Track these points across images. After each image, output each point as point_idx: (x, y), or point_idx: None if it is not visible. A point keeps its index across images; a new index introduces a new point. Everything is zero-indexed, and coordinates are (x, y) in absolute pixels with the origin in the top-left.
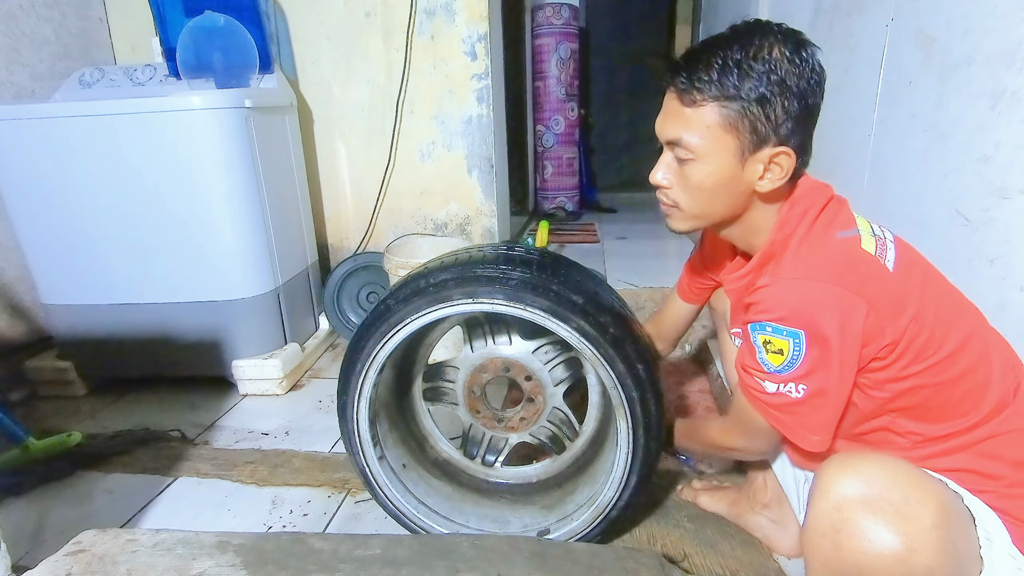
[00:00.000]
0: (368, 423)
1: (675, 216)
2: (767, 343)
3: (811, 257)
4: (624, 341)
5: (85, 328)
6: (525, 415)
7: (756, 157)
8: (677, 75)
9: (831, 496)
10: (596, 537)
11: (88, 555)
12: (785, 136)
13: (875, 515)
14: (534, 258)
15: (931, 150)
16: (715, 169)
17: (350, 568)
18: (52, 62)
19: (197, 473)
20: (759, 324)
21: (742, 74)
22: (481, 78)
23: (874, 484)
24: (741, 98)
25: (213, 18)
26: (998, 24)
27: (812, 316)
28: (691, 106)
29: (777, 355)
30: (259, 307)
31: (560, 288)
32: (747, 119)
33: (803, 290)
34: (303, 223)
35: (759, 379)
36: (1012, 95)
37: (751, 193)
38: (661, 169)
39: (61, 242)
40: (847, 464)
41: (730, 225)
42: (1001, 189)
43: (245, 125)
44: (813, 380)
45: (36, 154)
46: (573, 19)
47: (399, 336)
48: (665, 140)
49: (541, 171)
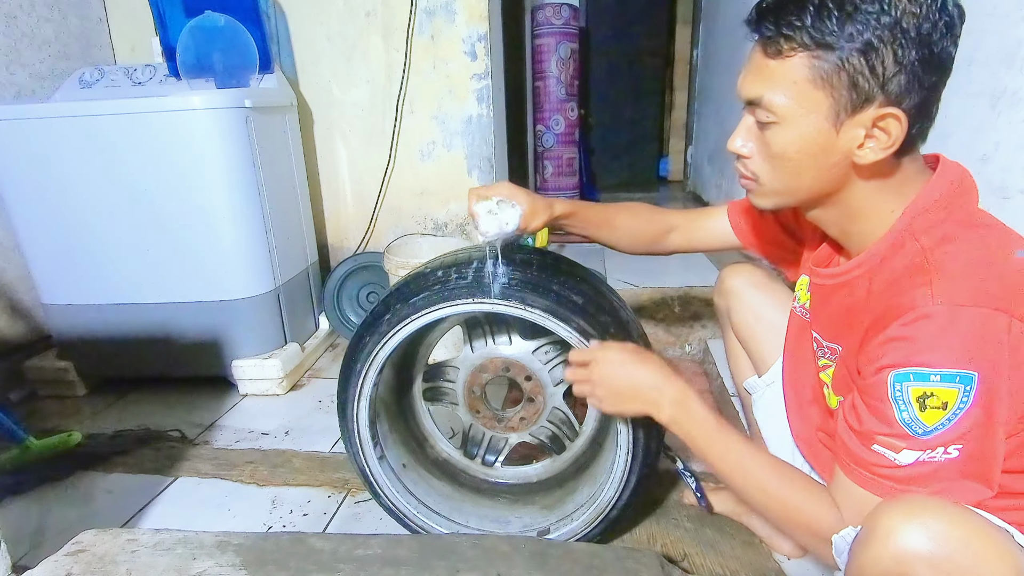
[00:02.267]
0: (368, 423)
1: (756, 192)
2: (926, 397)
3: (993, 280)
4: (625, 342)
5: (85, 328)
6: (525, 415)
7: (856, 120)
8: (763, 20)
9: (891, 545)
10: (596, 537)
11: (88, 555)
12: (896, 94)
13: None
14: (534, 258)
15: (931, 150)
16: (801, 134)
17: (350, 568)
18: (52, 62)
19: (197, 473)
20: (916, 372)
21: (843, 16)
22: (481, 78)
23: (944, 543)
24: (840, 47)
25: (213, 18)
26: (998, 24)
27: (991, 354)
28: (776, 58)
29: (935, 412)
30: (259, 307)
31: (560, 288)
32: (845, 72)
33: (984, 321)
34: (303, 223)
35: (887, 450)
36: (1012, 95)
37: (849, 166)
38: (741, 135)
39: (61, 242)
40: (914, 513)
41: (822, 205)
42: (1001, 189)
43: (245, 125)
44: (972, 439)
45: (36, 154)
46: (573, 19)
47: (399, 336)
48: (745, 99)
49: (541, 171)
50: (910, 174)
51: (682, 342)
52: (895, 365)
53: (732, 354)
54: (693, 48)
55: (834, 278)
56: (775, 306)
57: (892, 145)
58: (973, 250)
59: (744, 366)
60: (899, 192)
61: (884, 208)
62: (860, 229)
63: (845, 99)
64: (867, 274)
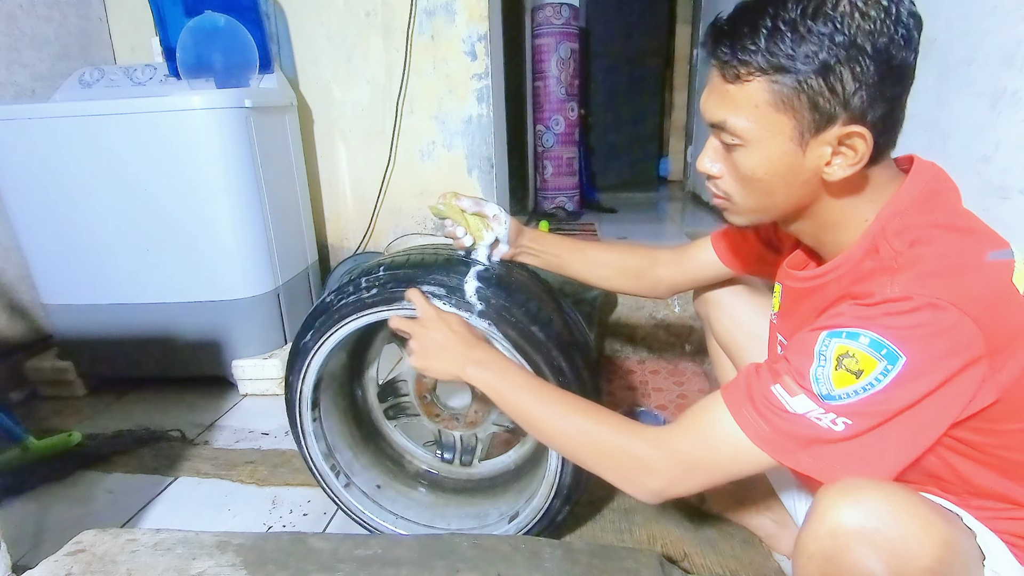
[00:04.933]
0: (323, 456)
1: (730, 210)
2: (845, 356)
3: (956, 277)
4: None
5: (85, 328)
6: (478, 407)
7: (820, 139)
8: (718, 44)
9: (826, 522)
10: (557, 510)
11: (88, 555)
12: (859, 110)
13: (868, 549)
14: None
15: (931, 150)
16: (767, 156)
17: (350, 568)
18: (52, 62)
19: (197, 473)
20: (848, 331)
21: (797, 38)
22: (481, 78)
23: (874, 516)
24: (796, 69)
25: (213, 18)
26: (998, 24)
27: (930, 348)
28: (735, 82)
29: (847, 376)
30: (259, 307)
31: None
32: (804, 94)
33: (941, 318)
34: (303, 223)
35: (785, 391)
36: (1012, 95)
37: (819, 181)
38: (708, 155)
39: (61, 242)
40: (849, 490)
41: (798, 220)
42: (1001, 189)
43: (245, 125)
44: (867, 420)
45: (36, 154)
46: (573, 19)
47: (315, 366)
48: (709, 122)
49: (541, 171)
50: (882, 181)
51: (682, 342)
52: (831, 327)
53: (717, 361)
54: (693, 48)
55: (807, 281)
56: (756, 312)
57: (860, 161)
58: (944, 253)
59: (729, 371)
60: (872, 199)
61: (858, 217)
62: (834, 239)
63: (808, 120)
64: (839, 278)
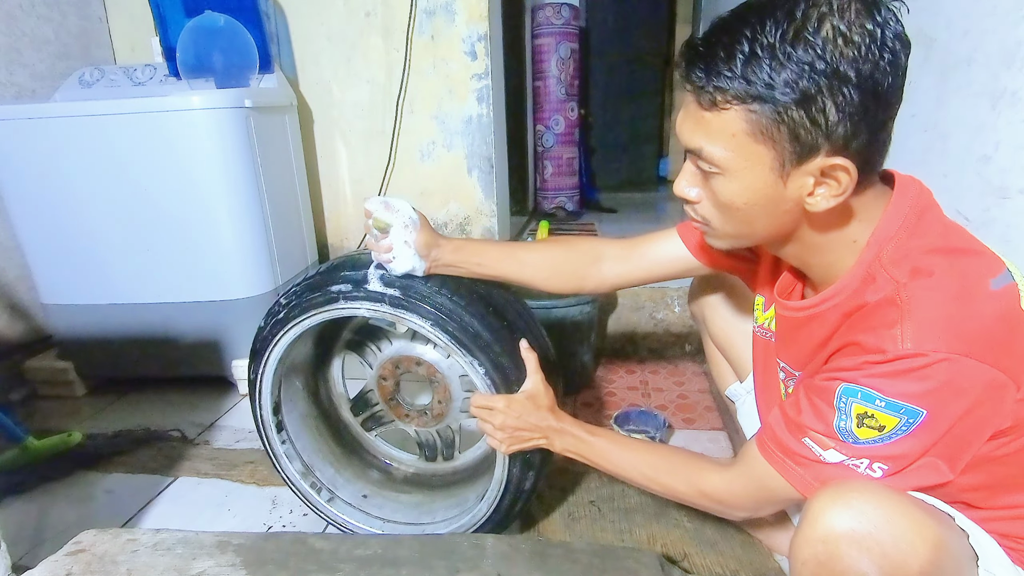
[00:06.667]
0: (300, 475)
1: (709, 234)
2: (865, 416)
3: (967, 322)
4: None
5: (85, 328)
6: (440, 398)
7: (802, 170)
8: (693, 68)
9: (819, 526)
10: (519, 477)
11: (88, 555)
12: (842, 140)
13: (860, 553)
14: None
15: (931, 150)
16: (746, 186)
17: (350, 568)
18: (52, 62)
19: (197, 473)
20: (864, 392)
21: (776, 65)
22: (481, 78)
23: (865, 520)
24: (775, 99)
25: (213, 18)
26: (998, 24)
27: (948, 400)
28: (711, 109)
29: (870, 431)
30: (259, 307)
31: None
32: (784, 125)
33: (957, 371)
34: (303, 223)
35: (815, 444)
36: (1012, 95)
37: (801, 211)
38: (685, 179)
39: (61, 242)
40: (840, 495)
41: (782, 245)
42: (1001, 189)
43: (245, 125)
44: (900, 462)
45: (36, 154)
46: (573, 19)
47: (267, 395)
48: (685, 147)
49: (541, 171)
50: (867, 201)
51: (682, 342)
52: (849, 379)
53: (713, 361)
54: None
55: (803, 311)
56: (751, 313)
57: (843, 192)
58: (947, 287)
59: (726, 372)
60: (859, 220)
61: (845, 239)
62: (822, 261)
63: (788, 151)
64: (838, 306)
